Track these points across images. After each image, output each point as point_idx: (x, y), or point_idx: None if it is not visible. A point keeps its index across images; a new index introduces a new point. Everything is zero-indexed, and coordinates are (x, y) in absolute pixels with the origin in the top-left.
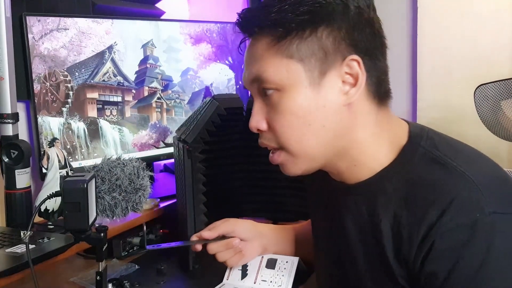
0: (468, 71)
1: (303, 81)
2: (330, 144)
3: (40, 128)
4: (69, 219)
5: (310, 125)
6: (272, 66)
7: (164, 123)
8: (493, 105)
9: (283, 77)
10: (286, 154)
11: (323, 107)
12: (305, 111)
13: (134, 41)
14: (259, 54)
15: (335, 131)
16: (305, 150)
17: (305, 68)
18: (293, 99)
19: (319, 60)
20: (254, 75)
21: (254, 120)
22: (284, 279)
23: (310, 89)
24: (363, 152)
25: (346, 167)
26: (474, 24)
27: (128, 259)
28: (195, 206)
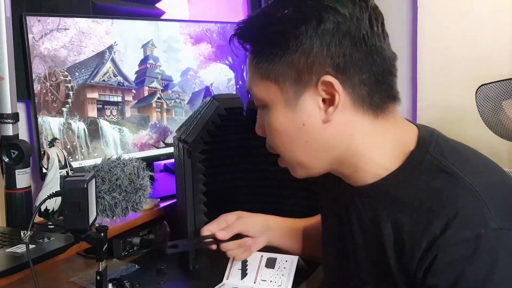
0: (468, 71)
1: (281, 101)
2: (321, 155)
3: (40, 128)
4: (69, 219)
5: (293, 141)
6: (256, 84)
7: (164, 123)
8: (494, 105)
9: (264, 96)
10: (285, 161)
11: (303, 126)
12: (286, 128)
13: (134, 41)
14: (249, 68)
15: (321, 145)
16: (297, 161)
17: (280, 90)
18: (275, 117)
19: (293, 81)
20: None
21: (257, 127)
22: (284, 279)
23: (287, 109)
24: (364, 159)
25: (349, 173)
26: (474, 24)
27: (128, 259)
28: (195, 206)
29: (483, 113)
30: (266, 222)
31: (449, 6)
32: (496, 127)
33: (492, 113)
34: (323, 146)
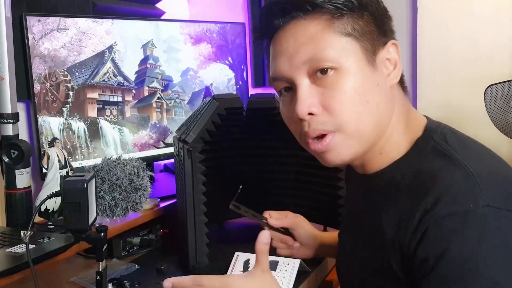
0: (468, 71)
1: (361, 59)
2: (378, 125)
3: (40, 128)
4: (69, 219)
5: (368, 102)
6: (331, 44)
7: (164, 123)
8: (502, 105)
9: (343, 54)
10: (340, 137)
11: (377, 86)
12: (364, 87)
13: (134, 41)
14: (312, 35)
15: (384, 112)
16: (361, 129)
17: (361, 47)
18: (354, 76)
19: (370, 40)
20: (309, 56)
21: (306, 104)
22: (285, 281)
23: (368, 66)
24: (390, 140)
25: (373, 156)
26: (474, 24)
27: (128, 259)
28: (195, 206)
29: (492, 113)
30: (315, 235)
31: (449, 6)
32: (504, 127)
33: (501, 113)
34: (384, 114)
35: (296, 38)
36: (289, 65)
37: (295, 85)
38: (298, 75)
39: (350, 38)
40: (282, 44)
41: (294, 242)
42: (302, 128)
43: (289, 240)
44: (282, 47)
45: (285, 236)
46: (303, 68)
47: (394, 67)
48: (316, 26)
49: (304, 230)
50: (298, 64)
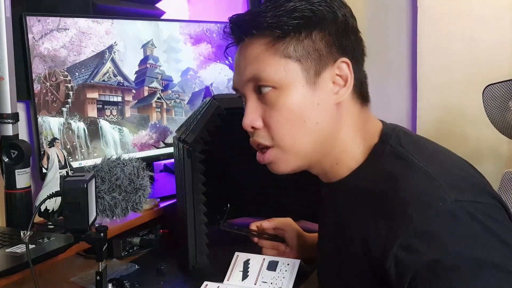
0: (468, 71)
1: (301, 80)
2: (319, 141)
3: (40, 128)
4: (69, 219)
5: (305, 122)
6: (271, 65)
7: (164, 123)
8: (501, 105)
9: (282, 75)
10: (277, 151)
11: (317, 105)
12: (301, 108)
13: (134, 41)
14: (255, 55)
15: (325, 129)
16: (298, 147)
17: (302, 68)
18: (291, 96)
19: (314, 61)
20: (251, 75)
21: (249, 119)
22: (284, 281)
23: (307, 87)
24: (344, 151)
25: (330, 166)
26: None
27: (128, 259)
28: (195, 206)
29: (490, 113)
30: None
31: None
32: (503, 127)
33: (499, 113)
34: (326, 131)
35: (245, 57)
36: (239, 80)
37: (245, 99)
38: (246, 90)
39: (290, 60)
40: (236, 60)
41: (285, 248)
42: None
43: (280, 245)
44: (236, 63)
45: (276, 243)
46: (249, 85)
47: (344, 84)
48: (259, 47)
49: (294, 231)
50: (245, 81)
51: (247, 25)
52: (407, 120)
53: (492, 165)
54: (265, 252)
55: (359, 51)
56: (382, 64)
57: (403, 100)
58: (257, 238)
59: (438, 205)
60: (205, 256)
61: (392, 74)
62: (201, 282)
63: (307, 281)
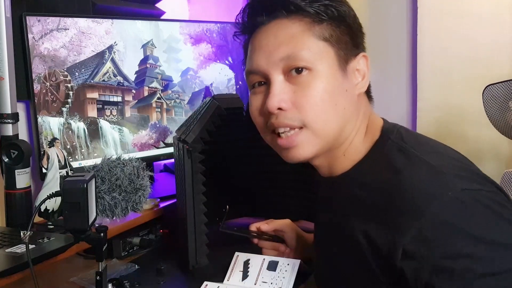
0: (468, 71)
1: (335, 64)
2: (342, 128)
3: (40, 128)
4: (69, 219)
5: (336, 105)
6: (309, 46)
7: (164, 123)
8: (501, 105)
9: (318, 57)
10: (307, 133)
11: (346, 91)
12: (335, 91)
13: (134, 41)
14: (292, 34)
15: (349, 116)
16: (327, 130)
17: (336, 53)
18: (326, 78)
19: (344, 49)
20: (288, 53)
21: (277, 99)
22: (284, 281)
23: (339, 72)
24: (352, 143)
25: (337, 157)
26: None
27: (128, 259)
28: (195, 206)
29: (490, 113)
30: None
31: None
32: (503, 127)
33: (499, 113)
34: (349, 118)
35: (277, 36)
36: (266, 60)
37: (269, 80)
38: (274, 70)
39: (327, 43)
40: (262, 40)
41: (285, 248)
42: (269, 120)
43: (281, 246)
44: (262, 43)
45: (276, 243)
46: (280, 65)
47: (362, 77)
48: (297, 27)
49: (294, 232)
50: (276, 61)
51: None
52: (407, 120)
53: (492, 165)
54: (265, 253)
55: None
56: (382, 64)
57: (403, 100)
58: (257, 239)
59: (447, 195)
60: (205, 256)
61: (392, 74)
62: (201, 282)
63: (307, 281)
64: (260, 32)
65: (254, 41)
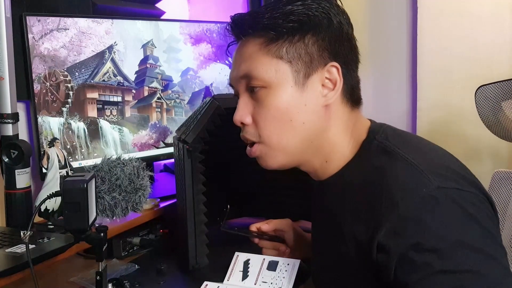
0: (468, 71)
1: (290, 80)
2: (306, 140)
3: (40, 128)
4: (69, 219)
5: (291, 121)
6: (262, 65)
7: (164, 123)
8: (494, 105)
9: (272, 75)
10: (264, 148)
11: (304, 106)
12: (289, 107)
13: (134, 41)
14: (249, 54)
15: (312, 129)
16: (283, 145)
17: (292, 69)
18: (279, 96)
19: (304, 63)
20: (244, 72)
21: (239, 115)
22: (284, 281)
23: (295, 88)
24: (333, 150)
25: (319, 164)
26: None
27: (128, 259)
28: (195, 206)
29: (483, 113)
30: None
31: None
32: (496, 127)
33: (492, 114)
34: (313, 131)
35: (241, 55)
36: (234, 77)
37: (238, 95)
38: (239, 87)
39: (282, 61)
40: (233, 57)
41: (286, 248)
42: None
43: (281, 246)
44: (233, 60)
45: (276, 243)
46: (242, 82)
47: (333, 87)
48: (254, 46)
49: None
50: (238, 78)
51: (245, 24)
52: (407, 120)
53: (492, 165)
54: (266, 253)
55: (352, 57)
56: (382, 64)
57: (403, 100)
58: (257, 239)
59: (422, 191)
60: (205, 256)
61: (392, 74)
62: (201, 282)
63: (307, 281)
64: (236, 48)
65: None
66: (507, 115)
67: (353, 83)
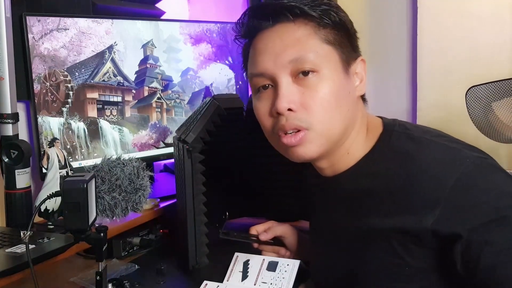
0: (468, 71)
1: (339, 66)
2: (346, 129)
3: (40, 128)
4: (69, 219)
5: (340, 107)
6: (315, 49)
7: (164, 123)
8: (484, 106)
9: (324, 60)
10: (313, 134)
11: (349, 93)
12: (340, 93)
13: (134, 41)
14: (299, 37)
15: (351, 117)
16: (332, 131)
17: (339, 56)
18: (332, 81)
19: (346, 52)
20: (295, 56)
21: (286, 100)
22: (284, 282)
23: (343, 75)
24: (355, 141)
25: (340, 156)
26: (474, 24)
27: (128, 259)
28: (195, 206)
29: (473, 114)
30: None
31: (449, 6)
32: (486, 128)
33: (482, 115)
34: (351, 119)
35: (283, 39)
36: (273, 63)
37: (277, 82)
38: (282, 73)
39: (332, 47)
40: (268, 43)
41: (286, 252)
42: (278, 122)
43: (281, 250)
44: (268, 46)
45: (276, 247)
46: (288, 67)
47: (360, 80)
48: (303, 31)
49: (294, 236)
50: (284, 63)
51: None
52: (407, 120)
53: None
54: (265, 254)
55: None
56: (382, 64)
57: (403, 100)
58: (257, 244)
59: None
60: (205, 256)
61: (392, 74)
62: (201, 282)
63: (307, 281)
64: (264, 35)
65: (258, 44)
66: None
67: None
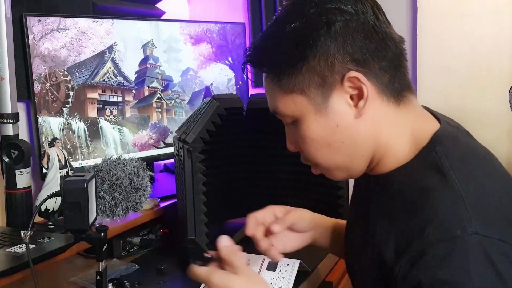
0: (468, 70)
1: (311, 110)
2: (358, 153)
3: (41, 128)
4: (69, 219)
5: (330, 145)
6: (281, 101)
7: (164, 123)
8: None
9: (293, 110)
10: (321, 168)
11: (336, 127)
12: (321, 134)
13: (134, 41)
14: (268, 91)
15: (357, 142)
16: (334, 164)
17: (307, 98)
18: (308, 127)
19: (318, 87)
20: (272, 109)
21: (290, 142)
22: (284, 282)
23: (318, 115)
24: (388, 151)
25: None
26: (474, 23)
27: (128, 259)
28: (195, 206)
29: None
30: (314, 219)
31: (449, 6)
32: None
33: None
34: (358, 143)
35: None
36: None
37: None
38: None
39: (295, 94)
40: None
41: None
42: None
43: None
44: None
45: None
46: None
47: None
48: (268, 84)
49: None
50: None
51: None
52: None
53: None
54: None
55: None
56: None
57: None
58: None
59: (456, 233)
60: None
61: None
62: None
63: (307, 281)
64: None
65: None
66: None
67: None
